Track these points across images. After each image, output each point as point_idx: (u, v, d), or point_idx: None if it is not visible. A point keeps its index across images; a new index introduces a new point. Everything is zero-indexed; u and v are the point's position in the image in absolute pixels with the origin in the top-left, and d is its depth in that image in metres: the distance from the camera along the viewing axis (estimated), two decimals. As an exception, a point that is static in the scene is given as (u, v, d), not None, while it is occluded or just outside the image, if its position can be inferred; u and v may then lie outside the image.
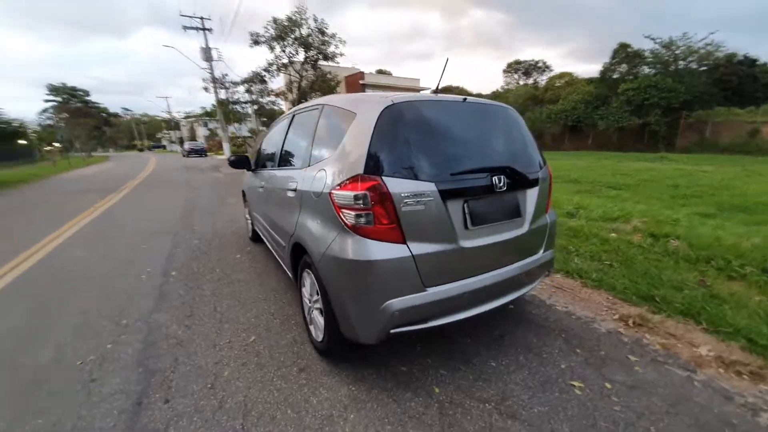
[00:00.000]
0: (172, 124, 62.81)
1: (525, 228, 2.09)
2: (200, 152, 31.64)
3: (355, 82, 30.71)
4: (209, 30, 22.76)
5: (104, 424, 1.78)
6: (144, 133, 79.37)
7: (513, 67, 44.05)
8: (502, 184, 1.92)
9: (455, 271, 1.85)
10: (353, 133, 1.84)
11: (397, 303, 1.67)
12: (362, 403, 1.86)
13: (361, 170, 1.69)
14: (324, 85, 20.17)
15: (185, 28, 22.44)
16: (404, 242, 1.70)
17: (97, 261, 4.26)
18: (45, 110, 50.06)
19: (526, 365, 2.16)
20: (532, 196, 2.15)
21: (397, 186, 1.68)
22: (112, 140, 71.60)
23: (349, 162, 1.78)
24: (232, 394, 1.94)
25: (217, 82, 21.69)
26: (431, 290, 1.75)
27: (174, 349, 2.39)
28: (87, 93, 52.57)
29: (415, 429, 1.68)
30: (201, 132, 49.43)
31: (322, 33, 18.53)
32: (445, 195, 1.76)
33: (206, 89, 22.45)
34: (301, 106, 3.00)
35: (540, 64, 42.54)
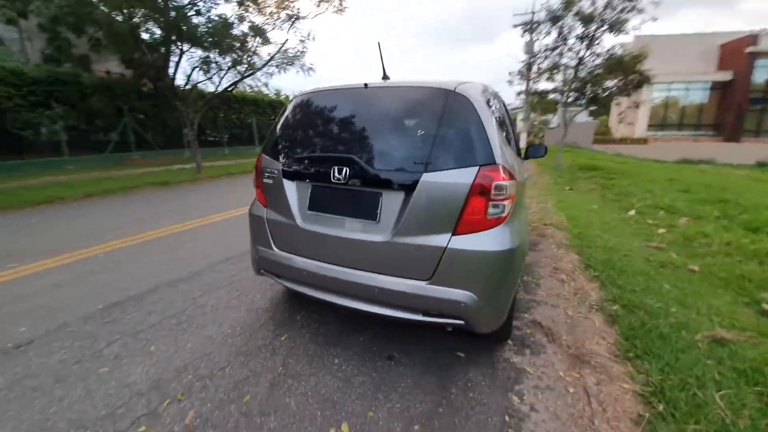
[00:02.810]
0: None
1: (384, 237, 1.70)
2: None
3: (738, 50, 21.75)
4: (536, 24, 23.84)
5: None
6: None
7: None
8: (341, 176, 1.75)
9: (294, 246, 1.99)
10: None
11: (261, 251, 2.12)
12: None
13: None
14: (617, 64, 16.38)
15: (516, 26, 24.64)
16: (266, 206, 2.11)
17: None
18: None
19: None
20: (397, 200, 1.69)
21: (265, 162, 2.10)
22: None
23: None
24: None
25: (523, 74, 22.71)
26: (278, 252, 2.03)
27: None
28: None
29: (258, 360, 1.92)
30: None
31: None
32: (285, 175, 1.97)
33: (510, 82, 24.09)
34: None
35: None
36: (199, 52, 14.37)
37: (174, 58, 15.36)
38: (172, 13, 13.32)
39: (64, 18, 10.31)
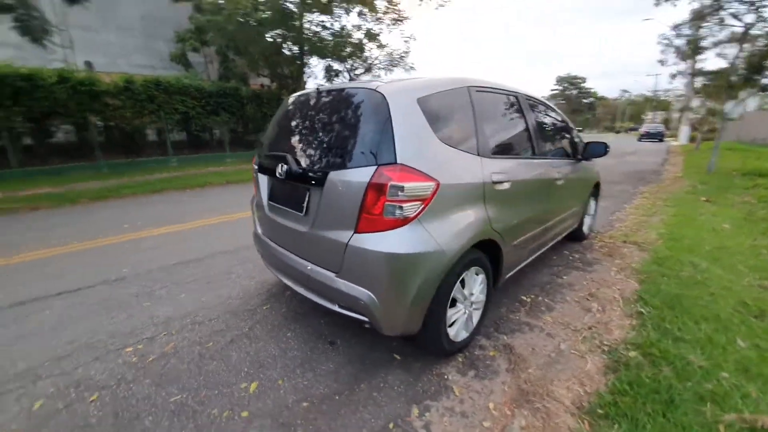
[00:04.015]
0: (656, 104, 57.38)
1: (307, 228, 1.85)
2: (656, 136, 27.99)
3: None
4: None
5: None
6: (627, 114, 78.39)
7: None
8: (282, 172, 1.96)
9: (266, 230, 2.30)
10: None
11: (254, 232, 2.52)
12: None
13: None
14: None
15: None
16: (258, 192, 2.37)
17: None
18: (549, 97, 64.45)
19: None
20: (317, 195, 1.78)
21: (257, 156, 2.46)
22: (597, 122, 77.77)
23: None
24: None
25: (681, 51, 18.07)
26: (260, 234, 2.38)
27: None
28: (583, 80, 60.48)
29: (236, 320, 2.59)
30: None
31: None
32: (259, 169, 2.32)
33: (662, 62, 19.55)
34: None
35: None
36: (322, 62, 16.53)
37: (307, 70, 18.01)
38: (307, 32, 15.68)
39: (229, 43, 13.42)
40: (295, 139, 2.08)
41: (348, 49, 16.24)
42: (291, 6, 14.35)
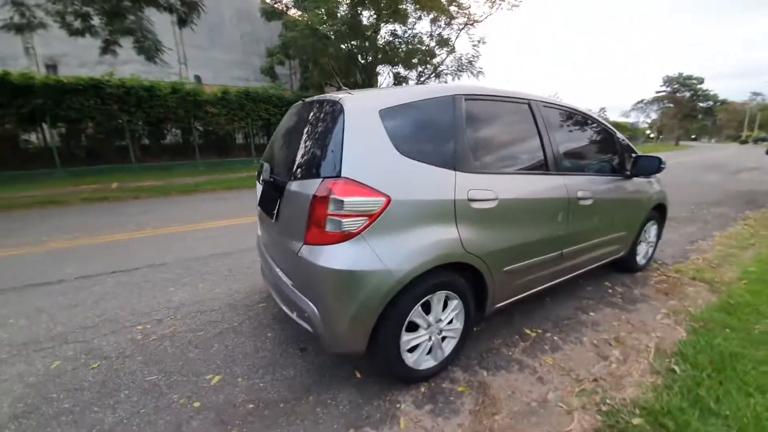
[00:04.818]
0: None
1: (276, 233, 1.94)
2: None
3: None
4: None
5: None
6: (758, 121, 63.82)
7: None
8: (262, 179, 2.12)
9: (259, 231, 2.48)
10: None
11: (258, 229, 2.61)
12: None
13: None
14: None
15: None
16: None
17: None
18: (640, 101, 58.01)
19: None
20: (282, 204, 1.85)
21: None
22: (717, 130, 65.21)
23: None
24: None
25: None
26: (258, 232, 2.52)
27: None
28: (700, 81, 50.79)
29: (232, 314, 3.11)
30: None
31: None
32: (257, 176, 2.45)
33: None
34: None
35: None
36: (392, 70, 16.90)
37: (380, 78, 18.58)
38: (380, 41, 16.21)
39: (307, 56, 14.55)
40: (276, 148, 2.19)
41: (418, 56, 16.36)
42: (364, 19, 15.03)
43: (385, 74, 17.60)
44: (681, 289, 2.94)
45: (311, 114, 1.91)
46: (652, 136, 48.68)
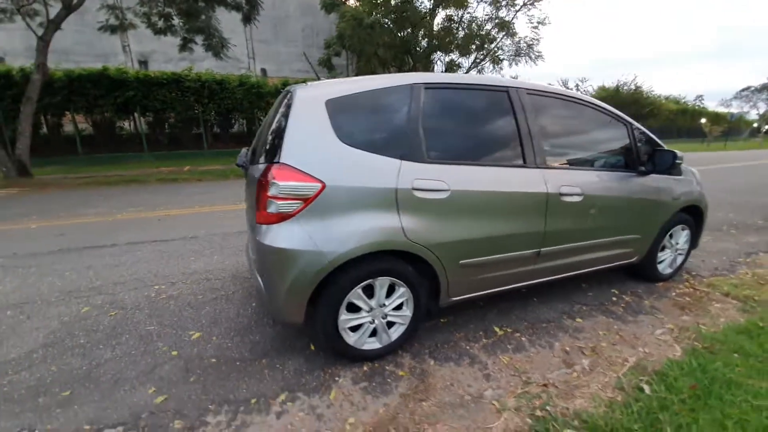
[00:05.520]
0: None
1: (251, 215, 2.04)
2: None
3: None
4: None
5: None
6: None
7: None
8: (242, 163, 2.35)
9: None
10: None
11: None
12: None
13: None
14: None
15: None
16: None
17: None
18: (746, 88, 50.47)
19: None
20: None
21: None
22: None
23: None
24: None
25: None
26: None
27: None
28: None
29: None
30: None
31: None
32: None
33: None
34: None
35: None
36: (446, 57, 16.38)
37: (437, 67, 18.16)
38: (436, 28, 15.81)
39: (361, 46, 14.80)
40: (258, 134, 2.39)
41: (476, 41, 15.65)
42: (419, 5, 14.74)
43: (439, 61, 17.18)
44: (704, 305, 2.56)
45: (282, 102, 2.06)
46: (764, 129, 40.60)
